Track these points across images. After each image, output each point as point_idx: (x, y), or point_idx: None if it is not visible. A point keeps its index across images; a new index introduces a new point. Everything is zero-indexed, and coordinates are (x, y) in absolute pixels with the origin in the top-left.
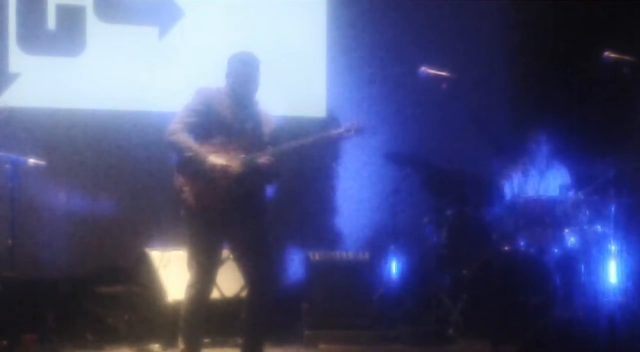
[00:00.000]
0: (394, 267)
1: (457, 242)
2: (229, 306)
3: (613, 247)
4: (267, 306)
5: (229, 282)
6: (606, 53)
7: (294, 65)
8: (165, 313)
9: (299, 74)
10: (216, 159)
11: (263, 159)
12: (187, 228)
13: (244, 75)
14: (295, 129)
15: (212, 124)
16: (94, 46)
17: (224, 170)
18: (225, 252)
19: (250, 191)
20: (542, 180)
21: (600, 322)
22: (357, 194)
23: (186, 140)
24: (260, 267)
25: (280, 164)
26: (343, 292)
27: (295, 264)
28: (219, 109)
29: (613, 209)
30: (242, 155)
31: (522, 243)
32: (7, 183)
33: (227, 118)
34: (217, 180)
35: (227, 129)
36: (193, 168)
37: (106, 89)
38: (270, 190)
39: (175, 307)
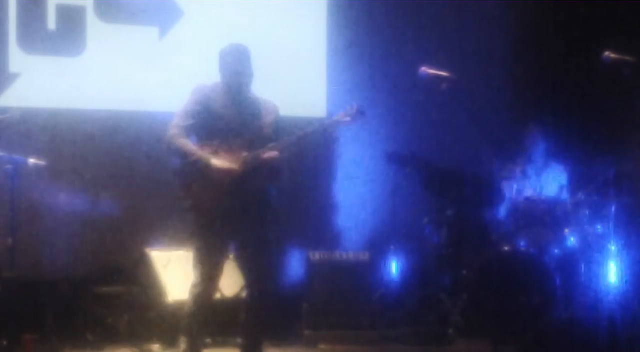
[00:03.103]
0: (394, 267)
1: (457, 242)
2: (229, 306)
3: (613, 247)
4: (266, 306)
5: (229, 282)
6: (606, 53)
7: (294, 65)
8: (165, 313)
9: (299, 74)
10: (218, 162)
11: (266, 155)
12: (192, 229)
13: (236, 67)
14: (295, 129)
15: (211, 123)
16: (94, 46)
17: (226, 172)
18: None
19: (254, 189)
20: (540, 180)
21: (600, 322)
22: (357, 194)
23: (186, 144)
24: (260, 266)
25: (284, 158)
26: (343, 292)
27: (295, 264)
28: (217, 107)
29: (613, 209)
30: (245, 153)
31: (522, 243)
32: (7, 183)
33: (226, 116)
34: (220, 182)
35: (227, 127)
36: (196, 172)
37: (106, 89)
38: (274, 188)
39: (175, 307)
